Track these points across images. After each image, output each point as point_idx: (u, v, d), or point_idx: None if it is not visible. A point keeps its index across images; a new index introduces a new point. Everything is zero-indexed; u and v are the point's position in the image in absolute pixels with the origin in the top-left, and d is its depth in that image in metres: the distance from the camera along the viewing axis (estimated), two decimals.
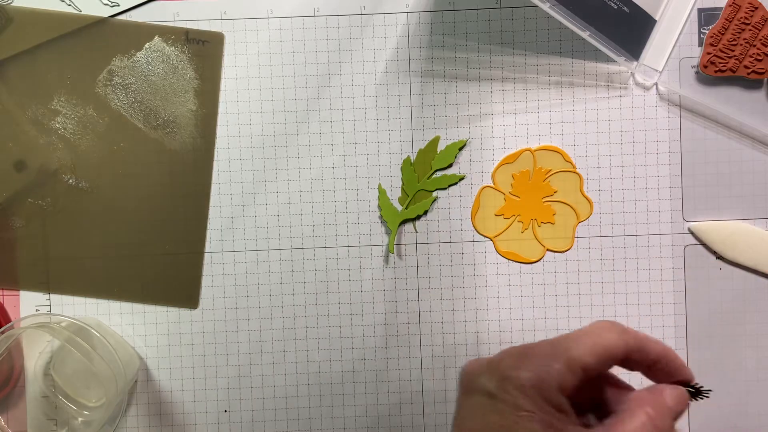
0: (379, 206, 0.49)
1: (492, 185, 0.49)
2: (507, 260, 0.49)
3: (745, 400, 0.48)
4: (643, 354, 0.32)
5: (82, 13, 0.48)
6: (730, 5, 0.46)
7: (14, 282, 0.49)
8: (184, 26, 0.48)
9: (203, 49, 0.48)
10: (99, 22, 0.48)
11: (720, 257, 0.48)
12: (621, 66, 0.48)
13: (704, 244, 0.48)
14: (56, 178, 0.49)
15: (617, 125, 0.48)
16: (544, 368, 0.30)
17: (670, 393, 0.31)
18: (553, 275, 0.49)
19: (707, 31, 0.47)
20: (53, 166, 0.48)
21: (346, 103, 0.48)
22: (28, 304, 0.49)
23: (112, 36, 0.48)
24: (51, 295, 0.49)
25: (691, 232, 0.48)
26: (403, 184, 0.49)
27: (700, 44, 0.47)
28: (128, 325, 0.49)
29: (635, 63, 0.47)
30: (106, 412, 0.45)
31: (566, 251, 0.49)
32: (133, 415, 0.49)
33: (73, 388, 0.48)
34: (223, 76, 0.48)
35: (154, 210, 0.49)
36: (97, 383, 0.48)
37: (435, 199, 0.49)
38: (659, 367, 0.32)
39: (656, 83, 0.48)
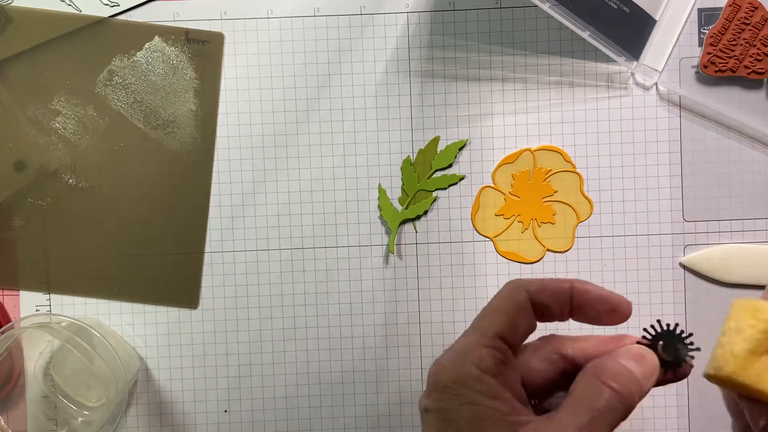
0: (379, 206, 0.49)
1: (492, 185, 0.49)
2: (507, 260, 0.49)
3: None
4: (548, 293, 0.29)
5: (82, 13, 0.48)
6: (730, 5, 0.46)
7: (14, 282, 0.49)
8: (184, 26, 0.48)
9: (203, 49, 0.48)
10: (99, 22, 0.48)
11: (720, 283, 0.48)
12: (621, 66, 0.48)
13: (700, 275, 0.48)
14: (56, 178, 0.49)
15: (617, 125, 0.48)
16: (460, 358, 0.28)
17: (635, 358, 0.27)
18: (554, 275, 0.49)
19: (707, 31, 0.47)
20: (53, 166, 0.48)
21: (346, 103, 0.48)
22: (28, 304, 0.49)
23: (112, 36, 0.48)
24: (51, 295, 0.49)
25: (684, 267, 0.48)
26: (403, 184, 0.49)
27: (700, 44, 0.47)
28: (128, 325, 0.49)
29: (635, 63, 0.47)
30: (106, 412, 0.45)
31: (566, 251, 0.49)
32: (133, 415, 0.49)
33: (73, 388, 0.48)
34: (223, 76, 0.48)
35: (154, 210, 0.49)
36: (97, 383, 0.48)
37: (435, 199, 0.49)
38: (579, 301, 0.29)
39: (656, 83, 0.48)
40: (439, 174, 0.49)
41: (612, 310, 0.30)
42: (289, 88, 0.48)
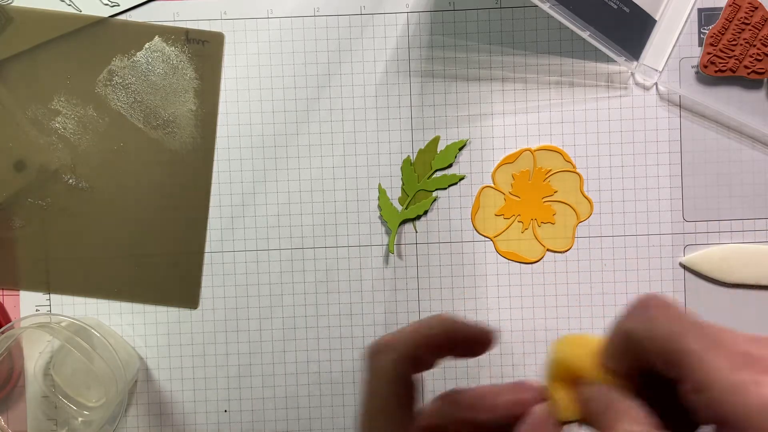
0: (379, 206, 0.49)
1: (492, 185, 0.49)
2: (507, 260, 0.49)
3: None
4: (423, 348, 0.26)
5: (82, 13, 0.48)
6: (730, 5, 0.46)
7: (14, 282, 0.49)
8: (184, 26, 0.48)
9: (203, 49, 0.48)
10: (99, 22, 0.48)
11: (720, 283, 0.48)
12: (621, 66, 0.48)
13: (700, 275, 0.48)
14: (56, 178, 0.49)
15: (617, 125, 0.48)
16: None
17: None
18: (553, 275, 0.49)
19: (707, 31, 0.47)
20: (53, 166, 0.48)
21: (346, 103, 0.48)
22: (28, 304, 0.49)
23: (112, 36, 0.48)
24: (51, 295, 0.49)
25: (684, 267, 0.48)
26: (403, 184, 0.49)
27: (700, 44, 0.47)
28: (128, 325, 0.49)
29: (635, 63, 0.47)
30: (106, 412, 0.45)
31: (566, 251, 0.49)
32: (133, 415, 0.49)
33: (73, 388, 0.48)
34: (223, 76, 0.48)
35: (154, 210, 0.49)
36: (97, 383, 0.48)
37: (435, 199, 0.49)
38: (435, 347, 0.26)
39: (656, 83, 0.48)
40: (439, 174, 0.49)
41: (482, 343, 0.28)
42: (289, 88, 0.48)
